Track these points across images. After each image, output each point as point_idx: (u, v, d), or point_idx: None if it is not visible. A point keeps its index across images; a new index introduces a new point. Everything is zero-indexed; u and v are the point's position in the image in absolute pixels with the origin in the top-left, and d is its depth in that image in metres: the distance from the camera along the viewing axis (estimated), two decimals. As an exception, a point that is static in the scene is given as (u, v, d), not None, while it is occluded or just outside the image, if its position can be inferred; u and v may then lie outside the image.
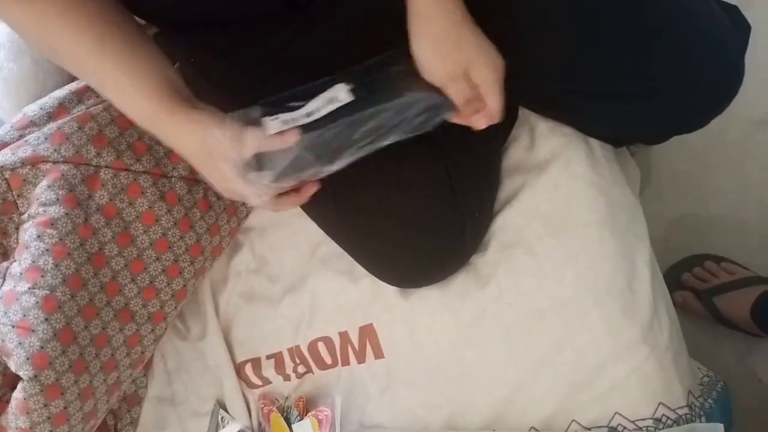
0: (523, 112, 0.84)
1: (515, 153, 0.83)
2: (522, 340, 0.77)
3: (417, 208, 0.78)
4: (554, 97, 0.78)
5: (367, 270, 0.84)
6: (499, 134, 0.84)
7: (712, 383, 0.83)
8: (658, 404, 0.73)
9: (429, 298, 0.81)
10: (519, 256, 0.78)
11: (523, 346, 0.77)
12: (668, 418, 0.73)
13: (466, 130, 0.82)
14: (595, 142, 0.82)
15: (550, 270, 0.77)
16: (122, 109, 0.66)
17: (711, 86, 0.70)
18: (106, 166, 0.80)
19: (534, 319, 0.77)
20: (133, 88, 0.63)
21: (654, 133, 0.87)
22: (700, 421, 0.74)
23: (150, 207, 0.82)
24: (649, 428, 0.72)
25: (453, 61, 0.63)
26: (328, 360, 0.87)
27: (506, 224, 0.81)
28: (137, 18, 0.69)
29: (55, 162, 0.78)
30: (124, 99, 0.65)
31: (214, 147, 0.62)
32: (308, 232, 0.90)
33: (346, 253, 0.85)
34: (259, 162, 0.63)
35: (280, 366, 0.90)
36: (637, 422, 0.73)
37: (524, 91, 0.80)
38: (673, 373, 0.74)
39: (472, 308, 0.79)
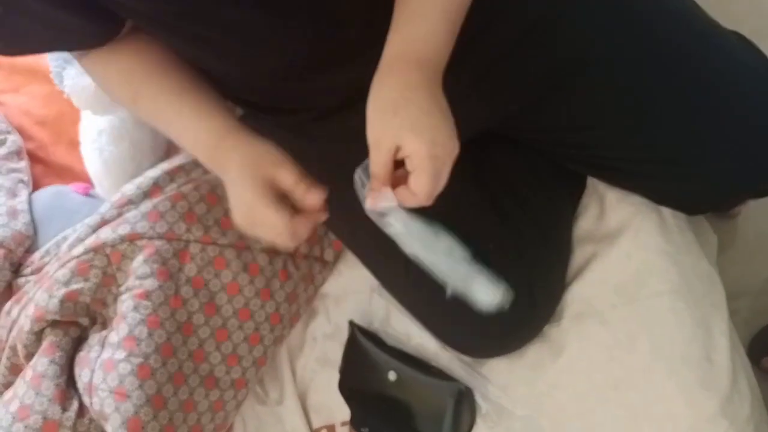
0: (592, 182, 0.86)
1: (585, 223, 0.84)
2: (598, 412, 0.77)
3: None
4: (621, 167, 0.80)
5: (438, 338, 0.86)
6: (568, 204, 0.86)
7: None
8: (742, 482, 0.71)
9: (499, 369, 0.82)
10: (592, 326, 0.79)
11: (599, 417, 0.76)
12: (753, 496, 0.70)
13: (530, 197, 0.84)
14: (666, 211, 0.82)
15: (624, 340, 0.77)
16: (185, 144, 0.71)
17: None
18: (195, 241, 0.86)
19: (609, 390, 0.76)
20: (196, 119, 0.68)
21: (723, 196, 0.87)
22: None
23: (234, 278, 0.87)
24: (733, 507, 0.70)
25: (383, 124, 0.58)
26: (402, 427, 0.89)
27: (578, 295, 0.81)
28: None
29: (150, 238, 0.85)
30: (186, 130, 0.69)
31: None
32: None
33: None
34: None
35: (355, 432, 0.92)
36: (719, 500, 0.71)
37: (591, 161, 0.82)
38: (757, 449, 0.72)
39: (545, 379, 0.80)
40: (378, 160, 0.59)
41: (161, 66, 0.69)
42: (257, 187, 0.63)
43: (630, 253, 0.80)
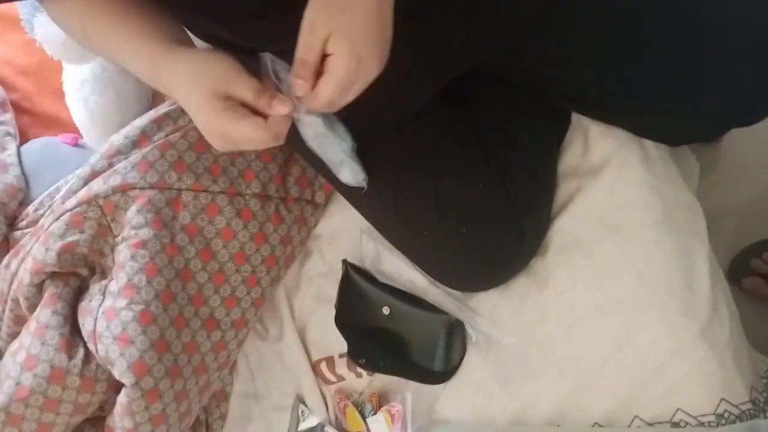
0: (576, 117, 0.86)
1: (570, 158, 0.85)
2: (583, 341, 0.80)
3: (473, 213, 0.82)
4: (607, 103, 0.80)
5: (428, 274, 0.88)
6: (554, 141, 0.86)
7: (778, 376, 0.83)
8: (720, 400, 0.74)
9: (487, 301, 0.85)
10: (576, 258, 0.81)
11: (584, 346, 0.80)
12: (731, 413, 0.74)
13: (517, 134, 0.85)
14: (649, 144, 0.83)
15: (608, 272, 0.79)
16: (129, 67, 0.68)
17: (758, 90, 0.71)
18: (187, 189, 0.87)
19: (594, 319, 0.79)
20: (130, 44, 0.65)
21: (708, 129, 0.88)
22: (765, 417, 0.75)
23: (228, 224, 0.89)
24: (711, 423, 0.74)
25: (327, 12, 0.56)
26: (398, 358, 0.93)
27: (563, 228, 0.83)
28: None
29: (142, 188, 0.86)
30: (129, 55, 0.66)
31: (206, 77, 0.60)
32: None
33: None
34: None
35: (352, 364, 0.96)
36: (698, 418, 0.75)
37: (575, 96, 0.83)
38: (734, 370, 0.75)
39: (532, 310, 0.83)
40: (310, 42, 0.57)
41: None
42: (216, 106, 0.60)
43: (614, 187, 0.81)
